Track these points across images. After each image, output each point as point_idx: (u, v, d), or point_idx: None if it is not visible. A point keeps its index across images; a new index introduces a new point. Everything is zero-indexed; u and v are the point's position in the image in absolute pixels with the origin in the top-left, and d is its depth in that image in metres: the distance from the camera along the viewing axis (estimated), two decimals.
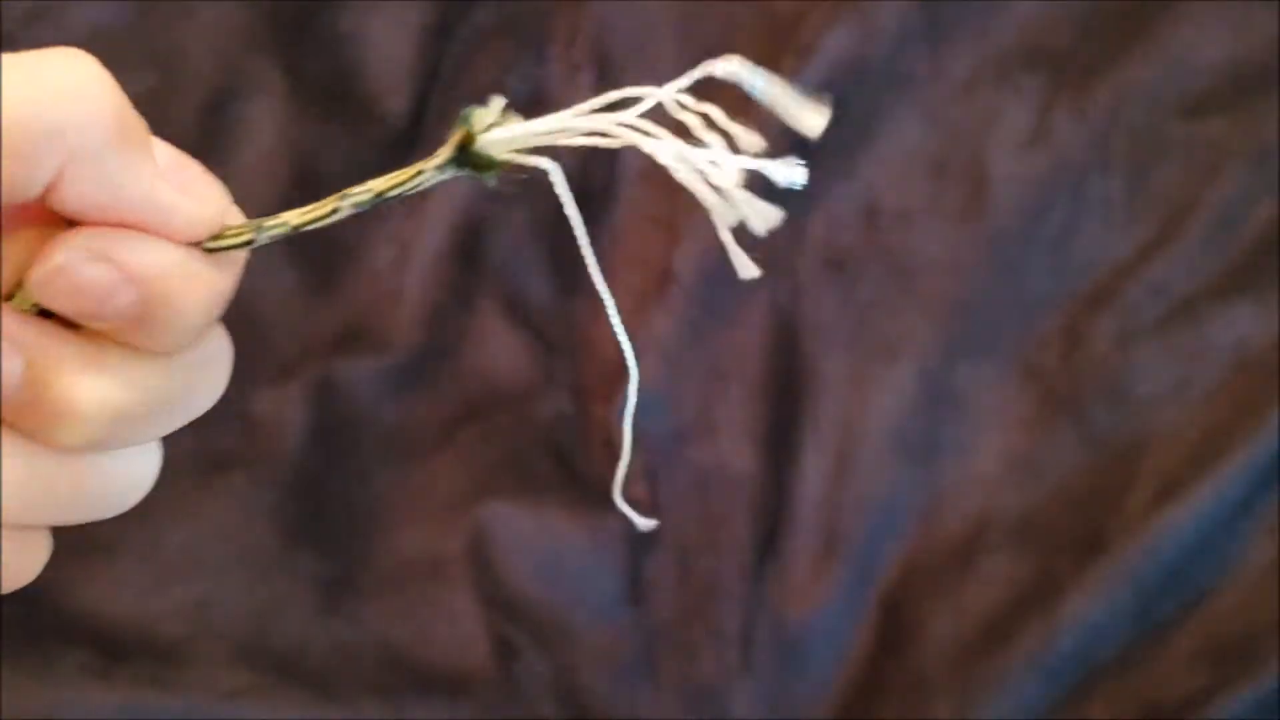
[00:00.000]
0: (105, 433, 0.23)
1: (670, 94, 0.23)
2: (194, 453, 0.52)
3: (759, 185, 0.23)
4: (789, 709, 0.51)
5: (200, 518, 0.52)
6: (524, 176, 0.24)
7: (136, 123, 0.23)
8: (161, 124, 0.24)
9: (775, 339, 0.53)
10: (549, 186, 0.24)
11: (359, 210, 0.24)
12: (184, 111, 0.55)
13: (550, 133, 0.23)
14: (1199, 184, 0.52)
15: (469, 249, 0.55)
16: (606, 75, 0.55)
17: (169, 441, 0.26)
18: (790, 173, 0.22)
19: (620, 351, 0.54)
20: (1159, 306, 0.52)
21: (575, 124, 0.23)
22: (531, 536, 0.52)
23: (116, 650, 0.50)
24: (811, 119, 0.22)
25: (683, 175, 0.23)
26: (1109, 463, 0.51)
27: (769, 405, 0.53)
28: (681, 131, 0.23)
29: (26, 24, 0.55)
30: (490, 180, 0.24)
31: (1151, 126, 0.53)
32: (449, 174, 0.24)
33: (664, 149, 0.23)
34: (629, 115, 0.23)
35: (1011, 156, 0.53)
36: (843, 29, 0.53)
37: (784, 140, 0.22)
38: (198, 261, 0.24)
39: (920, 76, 0.54)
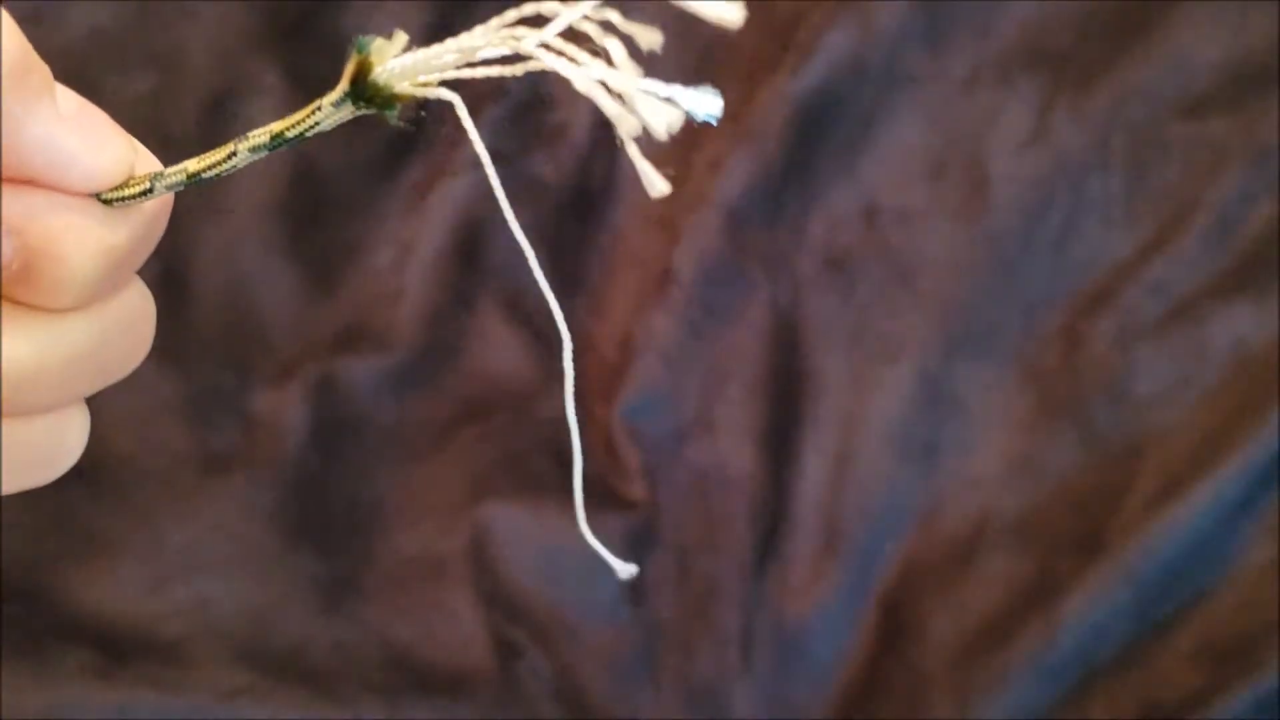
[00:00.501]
0: (11, 393, 0.22)
1: (579, 14, 0.21)
2: (194, 453, 0.52)
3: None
4: (789, 709, 0.51)
5: (200, 518, 0.52)
6: (423, 114, 0.22)
7: (39, 66, 0.22)
8: (161, 124, 0.23)
9: (775, 339, 0.53)
10: (549, 186, 0.23)
11: (256, 155, 0.23)
12: (184, 111, 0.55)
13: (453, 60, 0.22)
14: (1199, 184, 0.52)
15: (469, 249, 0.55)
16: None
17: (170, 441, 0.25)
18: (706, 102, 0.21)
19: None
20: (1159, 306, 0.52)
21: (476, 44, 0.21)
22: (531, 536, 0.52)
23: (116, 650, 0.50)
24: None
25: (585, 87, 0.21)
26: (1109, 463, 0.51)
27: (769, 405, 0.53)
28: (579, 38, 0.21)
29: (27, 25, 0.55)
30: (391, 117, 0.22)
31: (1151, 126, 0.53)
32: (347, 111, 0.22)
33: (577, 73, 0.21)
34: (540, 35, 0.21)
35: (1011, 156, 0.53)
36: (843, 29, 0.53)
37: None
38: (88, 214, 0.22)
39: (920, 76, 0.54)
